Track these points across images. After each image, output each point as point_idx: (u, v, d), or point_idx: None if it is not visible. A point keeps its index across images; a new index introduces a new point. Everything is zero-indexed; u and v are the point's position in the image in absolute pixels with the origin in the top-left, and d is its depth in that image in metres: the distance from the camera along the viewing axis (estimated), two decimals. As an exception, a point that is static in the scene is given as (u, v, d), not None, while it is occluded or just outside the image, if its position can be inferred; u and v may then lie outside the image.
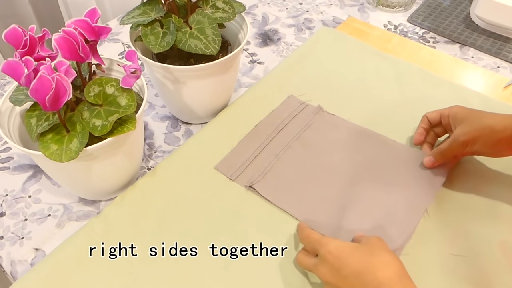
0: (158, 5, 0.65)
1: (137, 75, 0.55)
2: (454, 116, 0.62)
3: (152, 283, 0.55)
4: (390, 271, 0.44)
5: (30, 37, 0.50)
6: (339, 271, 0.46)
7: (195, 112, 0.74)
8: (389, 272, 0.44)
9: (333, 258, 0.47)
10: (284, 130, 0.73)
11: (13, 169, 0.70)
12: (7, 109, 0.58)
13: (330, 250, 0.48)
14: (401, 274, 0.45)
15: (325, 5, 1.05)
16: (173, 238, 0.59)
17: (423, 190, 0.64)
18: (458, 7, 1.03)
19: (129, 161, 0.63)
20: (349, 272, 0.45)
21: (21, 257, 0.59)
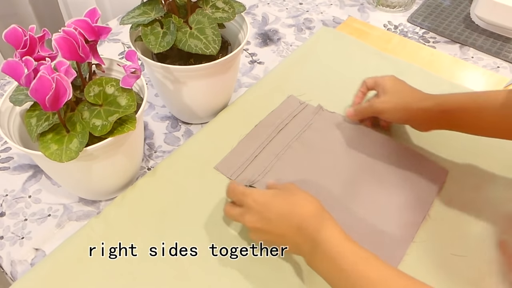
0: (158, 5, 0.65)
1: (137, 75, 0.55)
2: (383, 86, 0.66)
3: (152, 283, 0.55)
4: (310, 207, 0.49)
5: (30, 37, 0.50)
6: (264, 215, 0.50)
7: (195, 112, 0.74)
8: (309, 208, 0.49)
9: (258, 205, 0.51)
10: (284, 130, 0.73)
11: (13, 169, 0.70)
12: (7, 109, 0.58)
13: (254, 198, 0.52)
14: (320, 208, 0.49)
15: (325, 5, 1.05)
16: (173, 238, 0.59)
17: (424, 190, 0.64)
18: (458, 7, 1.03)
19: (129, 161, 0.63)
20: (274, 214, 0.50)
21: (21, 257, 0.59)
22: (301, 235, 0.48)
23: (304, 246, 0.49)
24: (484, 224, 0.61)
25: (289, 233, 0.49)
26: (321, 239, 0.47)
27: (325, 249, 0.46)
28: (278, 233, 0.50)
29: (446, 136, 0.72)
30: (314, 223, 0.48)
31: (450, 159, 0.69)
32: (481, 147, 0.70)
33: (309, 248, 0.48)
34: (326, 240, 0.47)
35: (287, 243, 0.50)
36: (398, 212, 0.62)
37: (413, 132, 0.73)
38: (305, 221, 0.48)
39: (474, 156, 0.69)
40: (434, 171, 0.67)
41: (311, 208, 0.49)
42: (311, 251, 0.48)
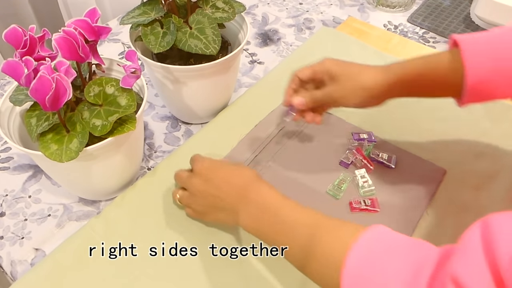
0: (158, 5, 0.65)
1: (137, 75, 0.55)
2: (327, 73, 0.61)
3: (152, 283, 0.55)
4: (249, 174, 0.54)
5: (30, 37, 0.50)
6: (208, 177, 0.55)
7: (195, 112, 0.74)
8: (249, 174, 0.54)
9: (206, 170, 0.56)
10: (284, 130, 0.73)
11: (13, 169, 0.70)
12: (7, 109, 0.58)
13: (204, 165, 0.57)
14: (257, 176, 0.54)
15: (325, 5, 1.05)
16: (173, 238, 0.59)
17: (422, 190, 0.64)
18: (458, 7, 1.03)
19: (129, 161, 0.63)
20: (218, 177, 0.55)
21: (21, 257, 0.59)
22: (238, 196, 0.52)
23: (242, 207, 0.52)
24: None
25: (229, 195, 0.53)
26: (260, 199, 0.51)
27: (264, 206, 0.50)
28: (218, 195, 0.54)
29: (446, 136, 0.72)
30: (254, 186, 0.52)
31: (450, 159, 0.69)
32: (481, 147, 0.71)
33: (248, 209, 0.51)
34: (265, 198, 0.51)
35: (225, 206, 0.54)
36: (395, 211, 0.62)
37: (413, 132, 0.73)
38: (243, 185, 0.53)
39: (474, 156, 0.69)
40: (431, 170, 0.67)
41: (250, 175, 0.54)
42: (250, 211, 0.51)
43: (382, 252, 0.38)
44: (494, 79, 0.52)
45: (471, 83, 0.52)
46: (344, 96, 0.60)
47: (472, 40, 0.53)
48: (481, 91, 0.53)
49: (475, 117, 0.76)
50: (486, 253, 0.29)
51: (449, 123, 0.74)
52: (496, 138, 0.72)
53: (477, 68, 0.51)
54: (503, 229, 0.30)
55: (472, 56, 0.52)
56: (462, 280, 0.29)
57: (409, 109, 0.77)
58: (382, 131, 0.73)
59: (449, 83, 0.55)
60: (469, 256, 0.30)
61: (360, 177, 0.65)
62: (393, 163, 0.67)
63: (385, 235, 0.40)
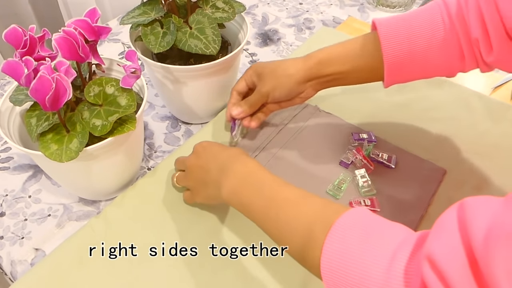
0: (158, 5, 0.65)
1: (137, 75, 0.55)
2: (256, 76, 0.65)
3: (152, 283, 0.55)
4: (237, 150, 0.56)
5: (30, 37, 0.50)
6: (201, 153, 0.58)
7: (195, 112, 0.74)
8: (237, 150, 0.55)
9: (201, 147, 0.58)
10: (284, 130, 0.73)
11: (13, 169, 0.70)
12: (7, 109, 0.58)
13: (202, 144, 0.59)
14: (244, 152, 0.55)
15: (325, 5, 1.05)
16: (173, 238, 0.59)
17: (422, 190, 0.64)
18: (458, 7, 1.03)
19: (129, 161, 0.63)
20: (209, 153, 0.57)
21: (21, 257, 0.59)
22: (222, 168, 0.53)
23: (223, 179, 0.52)
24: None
25: (213, 168, 0.54)
26: (243, 169, 0.52)
27: (244, 176, 0.51)
28: (205, 168, 0.56)
29: (446, 136, 0.72)
30: (236, 159, 0.53)
31: (450, 159, 0.69)
32: (481, 147, 0.71)
33: (229, 180, 0.51)
34: (248, 170, 0.51)
35: (211, 179, 0.55)
36: (395, 211, 0.62)
37: (413, 132, 0.73)
38: (229, 158, 0.54)
39: (474, 156, 0.69)
40: (431, 170, 0.67)
41: (236, 151, 0.55)
42: (231, 181, 0.51)
43: (360, 236, 0.38)
44: (410, 60, 0.55)
45: (389, 65, 0.55)
46: (272, 89, 0.63)
47: (389, 23, 0.56)
48: (399, 72, 0.57)
49: (475, 117, 0.76)
50: (461, 232, 0.30)
51: (449, 123, 0.75)
52: (496, 138, 0.72)
53: (393, 50, 0.55)
54: (478, 209, 0.30)
55: (388, 39, 0.55)
56: (437, 257, 0.30)
57: (409, 109, 0.77)
58: (382, 131, 0.73)
59: (368, 66, 0.58)
60: (444, 235, 0.31)
61: (360, 177, 0.65)
62: (393, 163, 0.67)
63: (364, 218, 0.40)
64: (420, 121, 0.75)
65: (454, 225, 0.31)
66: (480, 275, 0.28)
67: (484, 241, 0.28)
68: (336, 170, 0.67)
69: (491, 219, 0.29)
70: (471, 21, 0.52)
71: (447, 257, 0.29)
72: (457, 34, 0.54)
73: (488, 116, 0.76)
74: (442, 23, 0.54)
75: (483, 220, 0.29)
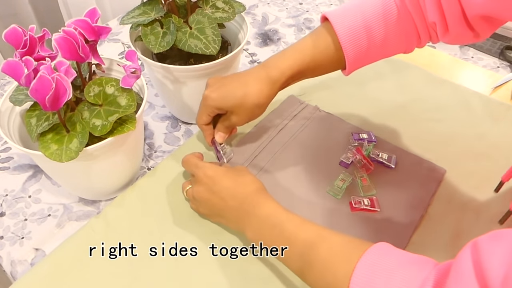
0: (158, 5, 0.65)
1: (137, 75, 0.55)
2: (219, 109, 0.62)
3: (152, 283, 0.55)
4: (253, 186, 0.54)
5: (30, 37, 0.50)
6: (211, 188, 0.55)
7: (195, 112, 0.74)
8: (253, 187, 0.54)
9: (207, 178, 0.56)
10: (284, 130, 0.73)
11: (13, 169, 0.70)
12: (7, 109, 0.58)
13: (205, 171, 0.57)
14: (261, 189, 0.55)
15: (325, 5, 1.05)
16: (173, 238, 0.59)
17: (422, 190, 0.64)
18: (458, 7, 1.03)
19: (129, 161, 0.63)
20: (222, 188, 0.55)
21: (21, 257, 0.59)
22: (243, 210, 0.53)
23: (246, 221, 0.53)
24: (484, 224, 0.61)
25: (233, 208, 0.54)
26: (263, 213, 0.52)
27: (266, 220, 0.51)
28: (222, 207, 0.55)
29: (446, 136, 0.72)
30: (256, 199, 0.53)
31: (450, 159, 0.69)
32: (481, 147, 0.71)
33: (251, 223, 0.52)
34: (268, 213, 0.51)
35: (230, 217, 0.55)
36: (395, 211, 0.62)
37: (413, 132, 0.73)
38: (248, 198, 0.53)
39: (474, 156, 0.69)
40: (431, 170, 0.67)
41: (254, 187, 0.54)
42: (253, 225, 0.52)
43: (385, 272, 0.39)
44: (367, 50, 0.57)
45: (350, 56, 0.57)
46: (244, 119, 0.62)
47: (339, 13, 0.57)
48: (360, 58, 0.58)
49: (475, 117, 0.76)
50: (477, 279, 0.30)
51: (449, 123, 0.75)
52: (496, 138, 0.72)
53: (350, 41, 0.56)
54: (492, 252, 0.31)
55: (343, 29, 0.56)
56: None
57: (409, 109, 0.77)
58: (382, 131, 0.73)
59: (330, 60, 0.59)
60: (461, 278, 0.31)
61: (360, 177, 0.65)
62: (393, 163, 0.67)
63: (388, 254, 0.41)
64: (420, 121, 0.75)
65: (471, 270, 0.31)
66: None
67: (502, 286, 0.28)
68: (336, 170, 0.67)
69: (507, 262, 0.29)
70: (427, 6, 0.54)
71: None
72: (412, 18, 0.56)
73: (488, 116, 0.76)
74: (396, 9, 0.56)
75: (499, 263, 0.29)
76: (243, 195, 0.54)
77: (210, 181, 0.56)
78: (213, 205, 0.56)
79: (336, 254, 0.44)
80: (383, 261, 0.40)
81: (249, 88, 0.60)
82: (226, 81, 0.61)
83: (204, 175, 0.56)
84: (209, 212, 0.58)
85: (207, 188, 0.56)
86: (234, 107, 0.61)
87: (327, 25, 0.58)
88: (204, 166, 0.58)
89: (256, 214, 0.52)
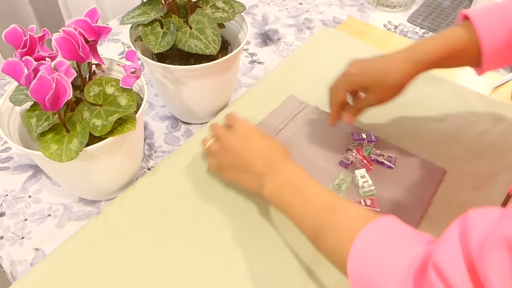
0: (158, 5, 0.65)
1: (137, 75, 0.55)
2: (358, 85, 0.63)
3: (152, 283, 0.55)
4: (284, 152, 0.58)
5: (30, 37, 0.50)
6: (248, 142, 0.58)
7: (195, 112, 0.74)
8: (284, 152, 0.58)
9: (247, 132, 0.59)
10: (284, 130, 0.73)
11: (13, 169, 0.70)
12: (7, 109, 0.58)
13: (247, 125, 0.60)
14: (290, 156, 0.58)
15: (325, 5, 1.05)
16: (173, 238, 0.59)
17: (422, 190, 0.64)
18: (458, 7, 1.03)
19: (129, 161, 0.63)
20: (257, 144, 0.58)
21: (21, 257, 0.59)
22: (269, 168, 0.55)
23: (268, 177, 0.55)
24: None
25: (261, 163, 0.56)
26: (287, 174, 0.54)
27: (289, 180, 0.54)
28: (251, 159, 0.57)
29: (446, 136, 0.72)
30: (285, 161, 0.56)
31: (450, 159, 0.69)
32: (481, 147, 0.71)
33: (274, 179, 0.54)
34: (293, 175, 0.54)
35: (253, 171, 0.56)
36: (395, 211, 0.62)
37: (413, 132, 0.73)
38: (277, 159, 0.56)
39: (474, 156, 0.69)
40: (431, 170, 0.67)
41: (285, 152, 0.58)
42: (275, 182, 0.54)
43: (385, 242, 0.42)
44: (508, 46, 0.56)
45: (488, 53, 0.56)
46: (383, 97, 0.63)
47: (481, 12, 0.57)
48: (498, 59, 0.57)
49: (475, 117, 0.76)
50: (461, 242, 0.33)
51: (449, 123, 0.75)
52: (496, 138, 0.72)
53: (490, 38, 0.55)
54: (478, 220, 0.33)
55: (484, 27, 0.55)
56: (441, 266, 0.33)
57: (409, 109, 0.77)
58: (382, 131, 0.73)
59: (467, 57, 0.59)
60: (447, 245, 0.34)
61: (360, 177, 0.65)
62: (393, 163, 0.67)
63: (392, 225, 0.44)
64: (420, 121, 0.75)
65: (456, 235, 0.34)
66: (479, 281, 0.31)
67: (479, 249, 0.31)
68: (336, 170, 0.67)
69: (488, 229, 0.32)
70: None
71: (450, 265, 0.33)
72: None
73: (488, 116, 0.76)
74: None
75: (481, 230, 0.32)
76: (274, 156, 0.56)
77: (248, 135, 0.58)
78: (241, 157, 0.57)
79: (347, 220, 0.46)
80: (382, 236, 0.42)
81: (393, 64, 0.61)
82: (369, 59, 0.63)
83: (244, 127, 0.59)
84: (231, 165, 0.59)
85: (242, 140, 0.58)
86: (376, 83, 0.61)
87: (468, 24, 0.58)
88: (243, 119, 0.61)
89: (280, 174, 0.54)
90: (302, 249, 0.58)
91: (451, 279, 0.32)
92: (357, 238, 0.43)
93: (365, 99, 0.64)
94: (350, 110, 0.66)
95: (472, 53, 0.58)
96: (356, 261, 0.42)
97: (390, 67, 0.61)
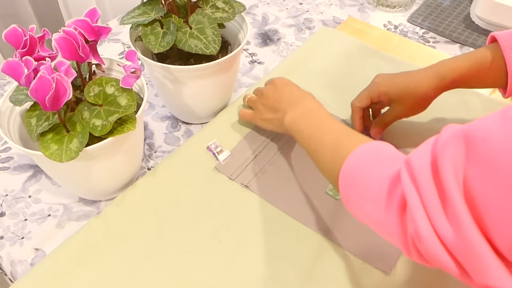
0: (158, 5, 0.65)
1: (137, 75, 0.55)
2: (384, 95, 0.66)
3: (152, 283, 0.55)
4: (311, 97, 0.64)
5: (30, 37, 0.50)
6: (283, 87, 0.66)
7: (195, 112, 0.74)
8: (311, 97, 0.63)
9: (282, 83, 0.67)
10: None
11: (13, 169, 0.70)
12: (7, 109, 0.58)
13: (283, 79, 0.68)
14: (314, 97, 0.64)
15: (325, 5, 1.05)
16: (173, 238, 0.59)
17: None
18: (458, 7, 1.03)
19: (129, 161, 0.63)
20: (290, 89, 0.66)
21: (21, 257, 0.59)
22: (296, 103, 0.62)
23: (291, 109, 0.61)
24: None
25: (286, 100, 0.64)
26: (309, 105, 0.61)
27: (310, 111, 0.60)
28: (279, 99, 0.65)
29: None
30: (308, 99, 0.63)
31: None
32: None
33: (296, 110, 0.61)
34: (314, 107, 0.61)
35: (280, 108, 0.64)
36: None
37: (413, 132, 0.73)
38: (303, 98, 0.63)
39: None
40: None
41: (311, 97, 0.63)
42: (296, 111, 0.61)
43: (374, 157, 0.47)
44: None
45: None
46: (409, 111, 0.66)
47: (509, 35, 0.58)
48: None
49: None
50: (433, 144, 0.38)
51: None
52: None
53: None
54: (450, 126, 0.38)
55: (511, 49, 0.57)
56: (411, 160, 0.38)
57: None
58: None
59: (493, 78, 0.61)
60: (421, 147, 0.39)
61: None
62: (393, 163, 0.67)
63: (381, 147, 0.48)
64: (420, 121, 0.75)
65: (431, 140, 0.39)
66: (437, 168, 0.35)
67: (443, 144, 0.36)
68: (336, 170, 0.67)
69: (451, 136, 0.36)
70: None
71: (417, 158, 0.38)
72: None
73: (488, 116, 0.76)
74: None
75: (451, 131, 0.36)
76: (301, 97, 0.63)
77: (283, 85, 0.66)
78: (271, 100, 0.65)
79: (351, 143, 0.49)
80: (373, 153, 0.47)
81: (420, 78, 0.64)
82: (396, 73, 0.66)
83: (280, 80, 0.68)
84: (264, 106, 0.67)
85: (276, 88, 0.66)
86: (402, 95, 0.64)
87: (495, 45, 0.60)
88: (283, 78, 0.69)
89: (303, 106, 0.61)
90: (302, 249, 0.58)
91: (415, 169, 0.37)
92: (350, 154, 0.47)
93: (392, 112, 0.66)
94: (378, 124, 0.68)
95: (497, 73, 0.59)
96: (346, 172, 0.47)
97: (417, 80, 0.63)
